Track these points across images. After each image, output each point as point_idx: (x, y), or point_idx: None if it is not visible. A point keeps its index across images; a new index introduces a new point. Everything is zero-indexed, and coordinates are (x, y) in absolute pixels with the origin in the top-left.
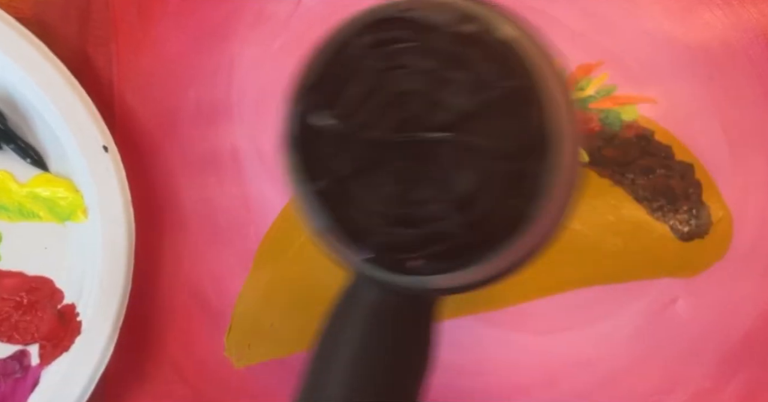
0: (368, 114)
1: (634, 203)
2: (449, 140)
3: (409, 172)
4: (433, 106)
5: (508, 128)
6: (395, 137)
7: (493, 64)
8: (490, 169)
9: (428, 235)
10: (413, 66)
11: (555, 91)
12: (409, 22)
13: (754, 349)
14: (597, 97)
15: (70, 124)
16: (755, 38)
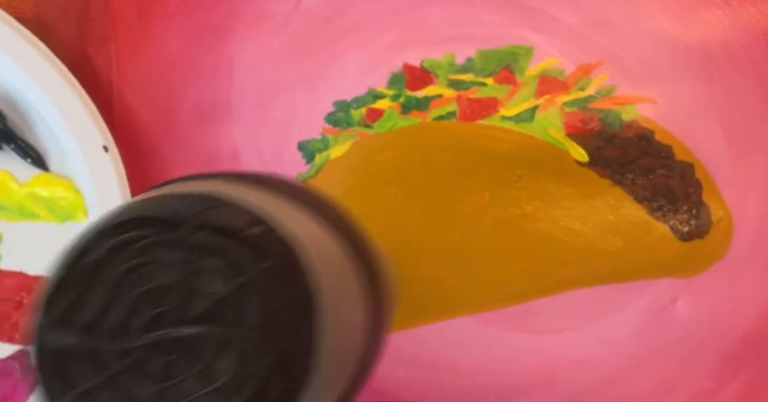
0: (113, 320)
1: (634, 203)
2: (202, 334)
3: (166, 370)
4: (189, 295)
5: (264, 307)
6: (145, 340)
7: (252, 248)
8: (251, 353)
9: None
10: (162, 260)
11: (326, 259)
12: (152, 220)
13: (754, 349)
14: (597, 97)
15: (70, 124)
16: (755, 38)
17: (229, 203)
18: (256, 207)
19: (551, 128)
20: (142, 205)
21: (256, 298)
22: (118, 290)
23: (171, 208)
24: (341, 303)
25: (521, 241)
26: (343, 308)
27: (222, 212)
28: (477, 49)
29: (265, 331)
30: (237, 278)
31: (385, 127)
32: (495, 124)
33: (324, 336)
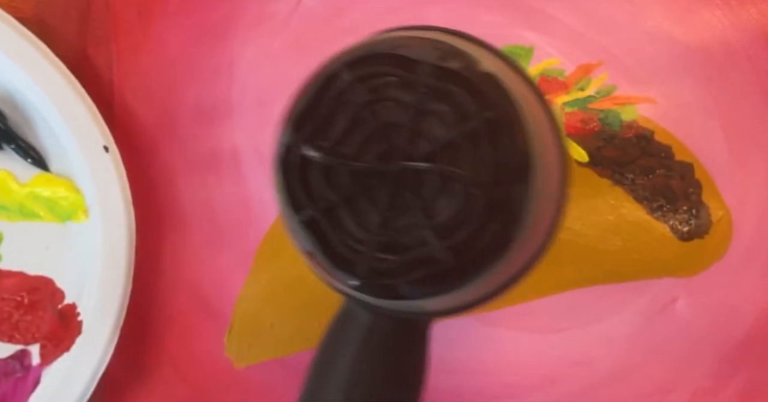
0: (353, 145)
1: (634, 203)
2: (430, 170)
3: (392, 200)
4: (416, 137)
5: (487, 157)
6: (379, 167)
7: (472, 96)
8: (469, 197)
9: (412, 261)
10: (396, 99)
11: (534, 121)
12: (394, 58)
13: (754, 349)
14: (597, 97)
15: (70, 124)
16: (755, 38)
17: (460, 52)
18: (484, 58)
19: None
20: (383, 43)
21: (478, 146)
22: (357, 120)
23: (409, 50)
24: (546, 153)
25: None
26: (547, 156)
27: (456, 59)
28: None
29: (487, 179)
30: (461, 124)
31: None
32: None
33: (533, 194)
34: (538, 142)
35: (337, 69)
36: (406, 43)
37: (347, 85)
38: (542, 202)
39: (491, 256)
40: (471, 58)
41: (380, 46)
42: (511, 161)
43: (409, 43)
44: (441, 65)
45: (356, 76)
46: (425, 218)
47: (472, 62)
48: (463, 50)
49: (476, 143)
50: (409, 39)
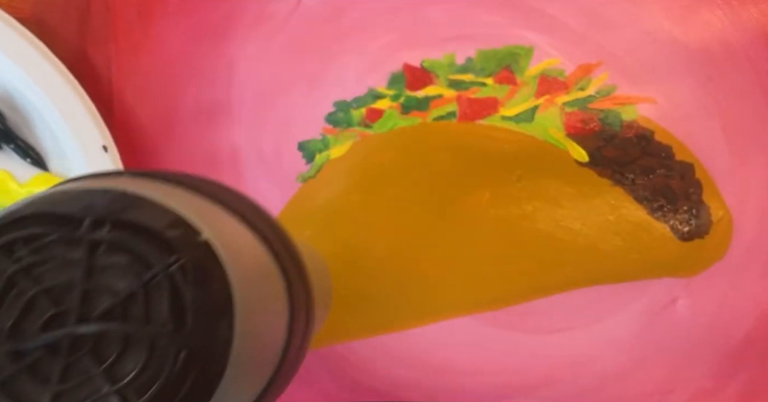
0: (4, 322)
1: (634, 203)
2: (102, 331)
3: (64, 372)
4: (90, 295)
5: (174, 304)
6: (39, 341)
7: (153, 244)
8: (156, 348)
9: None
10: (60, 258)
11: (238, 259)
12: (50, 216)
13: (754, 349)
14: (597, 97)
15: (70, 124)
16: (755, 38)
17: (137, 201)
18: (168, 205)
19: (551, 128)
20: (41, 200)
21: (165, 295)
22: (10, 291)
23: (70, 205)
24: (260, 303)
25: (521, 241)
26: (261, 309)
27: (135, 211)
28: (477, 49)
29: (175, 327)
30: (144, 275)
31: (385, 128)
32: (495, 124)
33: (238, 335)
34: (241, 281)
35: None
36: (65, 196)
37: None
38: (253, 340)
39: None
40: (144, 202)
41: (34, 204)
42: (205, 304)
43: (68, 197)
44: (111, 220)
45: (4, 241)
46: (109, 383)
47: (147, 208)
48: (136, 196)
49: (163, 290)
50: (67, 193)
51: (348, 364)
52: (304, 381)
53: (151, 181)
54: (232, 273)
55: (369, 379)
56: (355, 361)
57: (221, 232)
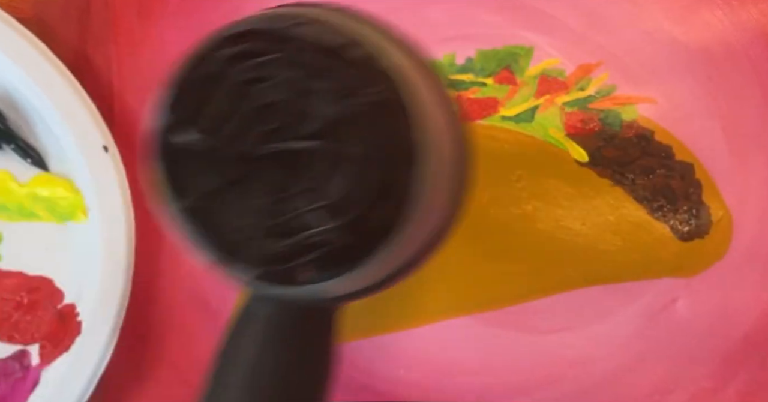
0: (233, 127)
1: (634, 203)
2: (316, 149)
3: (279, 182)
4: (300, 115)
5: (376, 136)
6: (262, 149)
7: (358, 73)
8: (360, 175)
9: (305, 244)
10: (277, 77)
11: (425, 101)
12: (269, 34)
13: (754, 349)
14: (597, 97)
15: (70, 124)
16: (755, 38)
17: (347, 30)
18: (361, 33)
19: (551, 128)
20: (268, 18)
21: (367, 123)
22: (236, 101)
23: (282, 24)
24: (439, 137)
25: (521, 241)
26: (441, 142)
27: (330, 31)
28: (477, 49)
29: (376, 157)
30: (349, 100)
31: None
32: (495, 124)
33: (427, 171)
34: (431, 122)
35: (209, 47)
36: (291, 19)
37: (221, 65)
38: (438, 181)
39: (386, 235)
40: (357, 36)
41: (262, 22)
42: (401, 140)
43: (294, 20)
44: (322, 42)
45: (229, 54)
46: (316, 198)
47: (357, 40)
48: (350, 29)
49: (364, 121)
50: (294, 15)
51: (348, 364)
52: None
53: (361, 23)
54: (420, 108)
55: (369, 379)
56: (355, 361)
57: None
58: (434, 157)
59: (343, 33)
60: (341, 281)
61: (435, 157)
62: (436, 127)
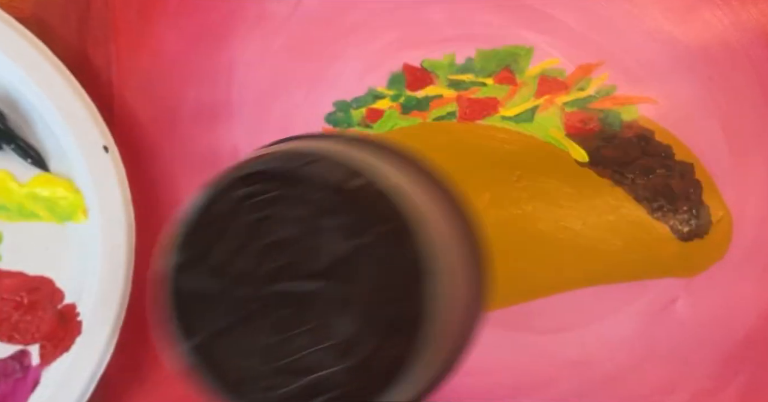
0: (240, 268)
1: (634, 203)
2: (325, 288)
3: (286, 322)
4: (310, 252)
5: (384, 273)
6: (269, 290)
7: (364, 206)
8: (368, 314)
9: (312, 385)
10: (287, 215)
11: (439, 232)
12: (281, 174)
13: (754, 349)
14: (597, 97)
15: (70, 124)
16: (755, 38)
17: (346, 163)
18: (364, 161)
19: (551, 128)
20: (268, 158)
21: (375, 260)
22: (245, 238)
23: (292, 164)
24: (450, 269)
25: (521, 242)
26: (451, 274)
27: (335, 165)
28: (477, 49)
29: (383, 294)
30: (356, 238)
31: (385, 128)
32: (495, 124)
33: (437, 301)
34: (442, 254)
35: (226, 185)
36: (302, 157)
37: (231, 206)
38: (448, 314)
39: (393, 376)
40: (357, 165)
41: (273, 162)
42: (411, 275)
43: (305, 158)
44: (332, 180)
45: (239, 195)
46: (323, 338)
47: (371, 177)
48: (354, 159)
49: (372, 256)
50: (304, 154)
51: None
52: None
53: (358, 147)
54: (430, 240)
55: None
56: None
57: (416, 196)
58: (446, 280)
59: (346, 165)
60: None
61: (446, 279)
62: (446, 246)
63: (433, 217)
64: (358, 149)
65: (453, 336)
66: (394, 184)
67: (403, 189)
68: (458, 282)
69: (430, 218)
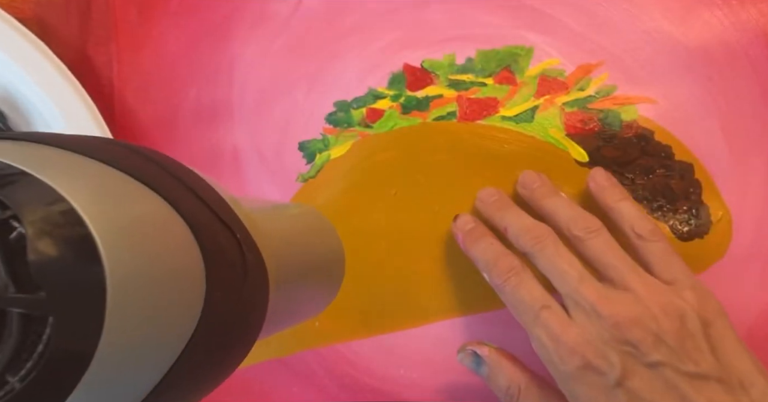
0: None
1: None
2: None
3: None
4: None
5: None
6: None
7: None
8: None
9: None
10: None
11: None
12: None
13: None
14: (597, 97)
15: (70, 123)
16: (755, 38)
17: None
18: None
19: (551, 128)
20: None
21: None
22: None
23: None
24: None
25: None
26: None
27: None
28: (477, 50)
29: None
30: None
31: (385, 128)
32: (495, 124)
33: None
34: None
35: None
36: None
37: None
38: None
39: None
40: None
41: None
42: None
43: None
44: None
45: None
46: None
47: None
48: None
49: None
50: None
51: (348, 364)
52: (304, 380)
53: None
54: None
55: (369, 379)
56: (355, 361)
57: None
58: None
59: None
60: None
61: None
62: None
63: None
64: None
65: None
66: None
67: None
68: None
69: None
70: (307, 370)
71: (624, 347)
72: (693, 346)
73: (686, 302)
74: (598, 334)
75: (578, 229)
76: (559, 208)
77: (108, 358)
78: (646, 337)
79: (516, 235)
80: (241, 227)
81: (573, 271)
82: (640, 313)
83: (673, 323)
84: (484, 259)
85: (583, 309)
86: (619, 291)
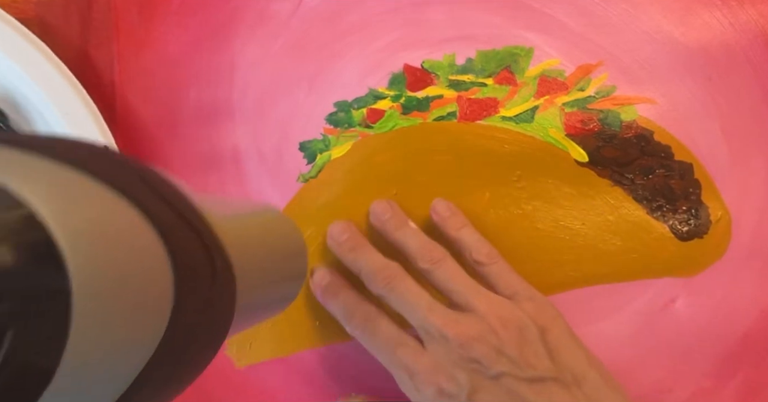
0: None
1: (634, 203)
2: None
3: None
4: None
5: None
6: None
7: None
8: None
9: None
10: None
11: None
12: None
13: (753, 349)
14: (597, 98)
15: (70, 124)
16: (754, 39)
17: None
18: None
19: (551, 128)
20: None
21: None
22: None
23: None
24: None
25: (521, 241)
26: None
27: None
28: (477, 50)
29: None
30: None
31: (385, 128)
32: (495, 124)
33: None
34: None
35: None
36: None
37: None
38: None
39: None
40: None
41: None
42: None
43: None
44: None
45: None
46: None
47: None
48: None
49: None
50: None
51: (348, 364)
52: (304, 380)
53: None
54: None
55: (369, 379)
56: (356, 361)
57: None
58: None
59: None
60: None
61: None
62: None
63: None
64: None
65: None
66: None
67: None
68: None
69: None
70: (308, 370)
71: (471, 365)
72: (531, 352)
73: (525, 312)
74: (448, 357)
75: (424, 261)
76: (408, 239)
77: (72, 370)
78: (488, 352)
79: (368, 280)
80: (210, 232)
81: (422, 302)
82: (481, 329)
83: (512, 334)
84: (341, 314)
85: (433, 336)
86: (465, 313)
